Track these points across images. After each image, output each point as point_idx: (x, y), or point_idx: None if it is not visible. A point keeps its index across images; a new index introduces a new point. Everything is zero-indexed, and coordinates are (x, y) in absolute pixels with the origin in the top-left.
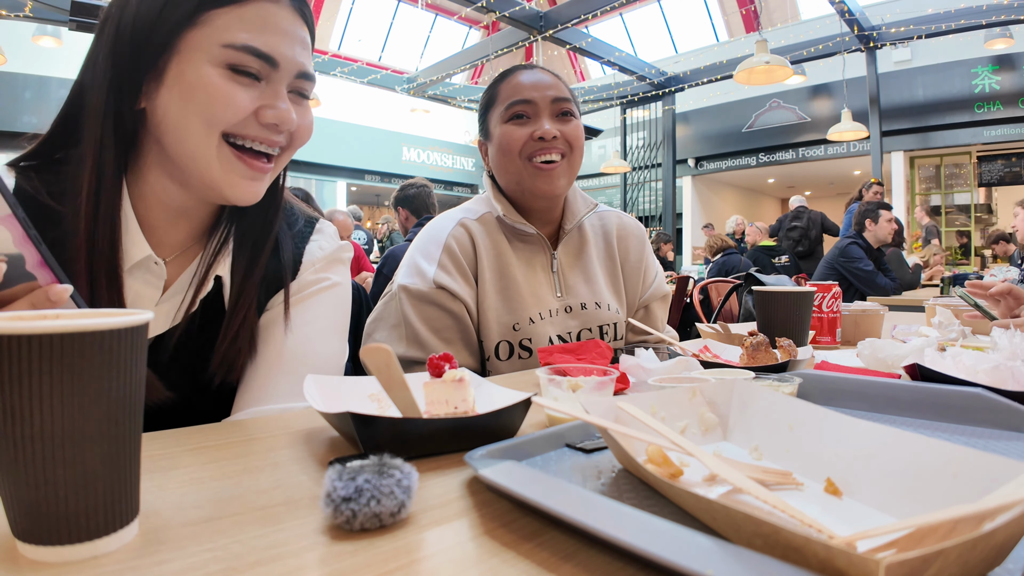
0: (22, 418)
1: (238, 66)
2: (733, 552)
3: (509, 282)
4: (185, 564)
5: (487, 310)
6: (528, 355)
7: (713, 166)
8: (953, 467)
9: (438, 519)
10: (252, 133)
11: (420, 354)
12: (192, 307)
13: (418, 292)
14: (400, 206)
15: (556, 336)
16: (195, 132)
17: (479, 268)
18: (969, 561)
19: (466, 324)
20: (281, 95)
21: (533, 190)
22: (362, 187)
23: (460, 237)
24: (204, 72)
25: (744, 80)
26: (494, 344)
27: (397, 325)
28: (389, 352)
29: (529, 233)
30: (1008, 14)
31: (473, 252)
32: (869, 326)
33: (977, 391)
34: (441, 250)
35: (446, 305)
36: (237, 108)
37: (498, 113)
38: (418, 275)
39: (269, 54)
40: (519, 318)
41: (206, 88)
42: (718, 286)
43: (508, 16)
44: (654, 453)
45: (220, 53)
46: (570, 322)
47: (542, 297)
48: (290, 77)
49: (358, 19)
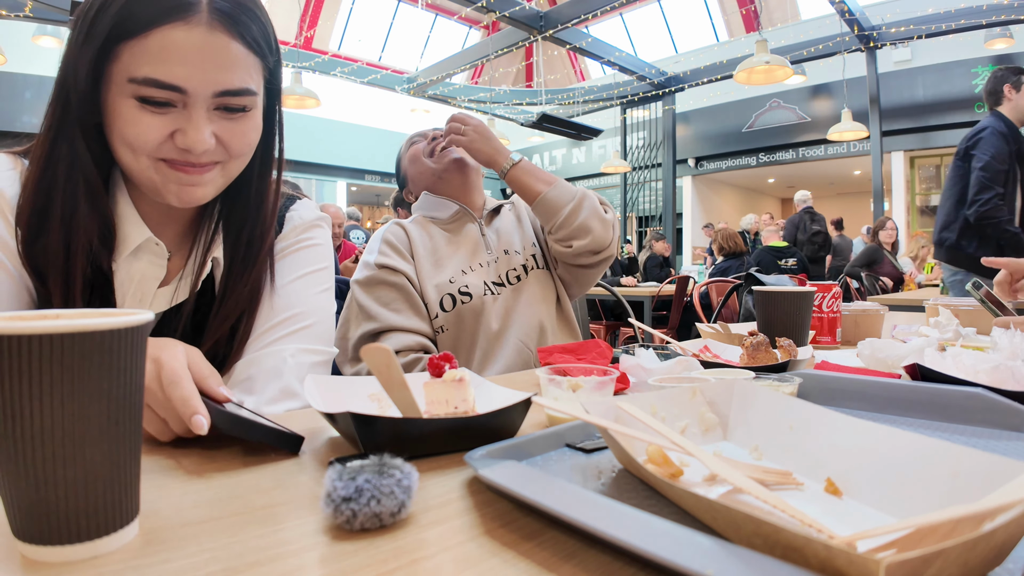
0: (22, 418)
1: (146, 98)
2: (733, 552)
3: (440, 254)
4: (185, 564)
5: (424, 277)
6: (469, 299)
7: (713, 166)
8: (953, 467)
9: (438, 519)
10: (173, 156)
11: (375, 325)
12: (195, 287)
13: (365, 278)
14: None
15: (491, 281)
16: (126, 156)
17: (413, 248)
18: (969, 561)
19: (410, 292)
20: (194, 119)
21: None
22: (362, 187)
23: (394, 231)
24: (120, 104)
25: (744, 80)
26: (437, 300)
27: (356, 314)
28: (389, 352)
29: (454, 207)
30: (1008, 14)
31: (407, 238)
32: (869, 326)
33: (977, 391)
34: (380, 243)
35: (389, 280)
36: (147, 138)
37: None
38: (363, 267)
39: (172, 83)
40: (452, 273)
41: (122, 118)
42: (718, 286)
43: (508, 16)
44: (654, 453)
45: (127, 87)
46: (499, 268)
47: (473, 253)
48: (206, 98)
49: (358, 19)
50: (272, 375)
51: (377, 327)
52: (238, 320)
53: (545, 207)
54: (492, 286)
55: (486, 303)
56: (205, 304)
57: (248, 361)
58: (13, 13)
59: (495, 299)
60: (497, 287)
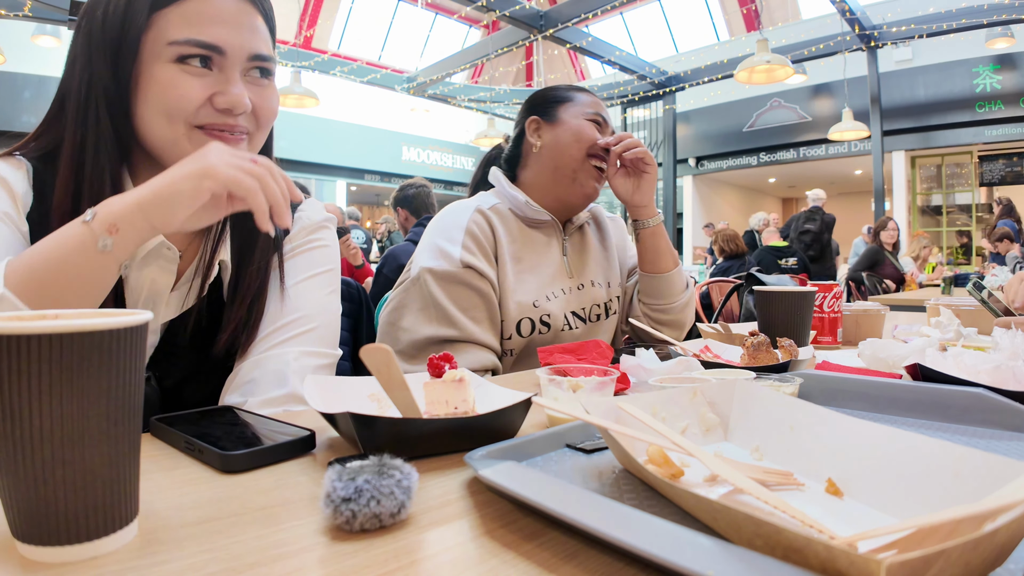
0: (22, 418)
1: (187, 56)
2: (734, 553)
3: (525, 265)
4: (185, 564)
5: (507, 290)
6: (547, 330)
7: (714, 165)
8: (954, 467)
9: (438, 519)
10: (211, 121)
11: (453, 332)
12: (202, 292)
13: (444, 272)
14: (399, 206)
15: (571, 312)
16: (161, 126)
17: (499, 251)
18: (971, 561)
19: (492, 302)
20: (232, 80)
21: (584, 188)
22: (362, 187)
23: (480, 222)
24: (157, 70)
25: (745, 79)
26: (515, 321)
27: (424, 308)
28: (389, 352)
29: (545, 220)
30: (1009, 13)
31: (492, 236)
32: (870, 326)
33: (978, 391)
34: (463, 233)
35: (473, 283)
36: (190, 97)
37: (578, 110)
38: (443, 257)
39: (212, 43)
40: (537, 296)
41: (160, 83)
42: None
43: (508, 15)
44: (655, 453)
45: (168, 51)
46: (582, 299)
47: (556, 277)
48: (241, 61)
49: (358, 18)
50: (275, 378)
51: (455, 335)
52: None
53: (664, 285)
54: (572, 318)
55: (561, 338)
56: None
57: (253, 363)
58: (12, 13)
59: (570, 333)
60: (576, 320)
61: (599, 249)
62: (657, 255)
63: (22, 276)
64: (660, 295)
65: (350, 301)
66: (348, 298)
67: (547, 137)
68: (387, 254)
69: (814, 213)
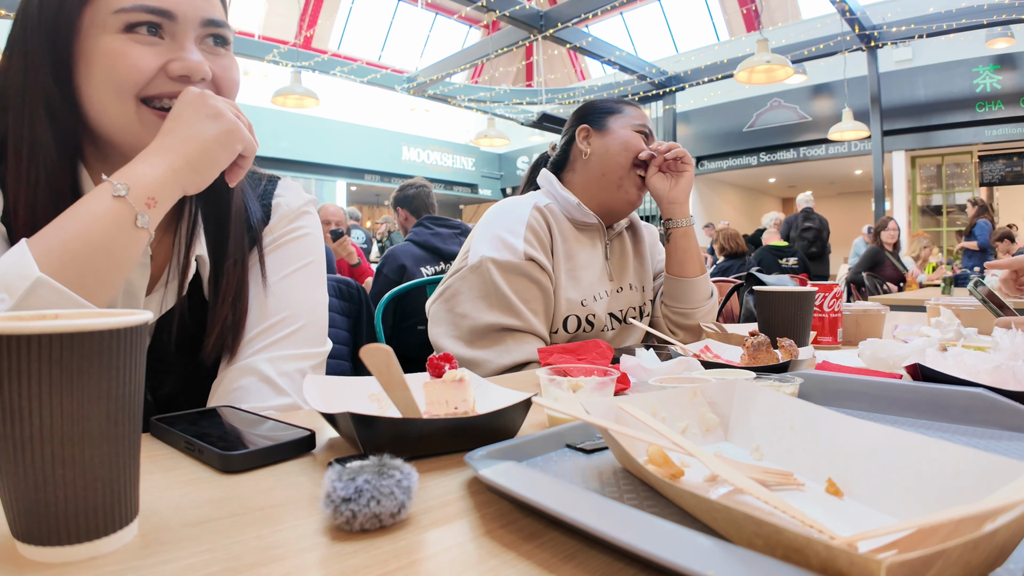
0: (22, 418)
1: (135, 24)
2: (734, 553)
3: (575, 263)
4: (185, 564)
5: (559, 286)
6: (591, 328)
7: (714, 166)
8: (954, 467)
9: (438, 520)
10: (166, 90)
11: (515, 322)
12: (182, 291)
13: (508, 263)
14: (399, 206)
15: (609, 314)
16: (110, 103)
17: (554, 247)
18: (971, 561)
19: (549, 295)
20: (187, 47)
21: (628, 196)
22: (362, 187)
23: (539, 219)
24: (104, 42)
25: (745, 79)
26: (563, 317)
27: (486, 295)
28: (389, 352)
29: (592, 223)
30: (1009, 13)
31: (549, 232)
32: (870, 326)
33: (979, 391)
34: (525, 227)
35: (534, 275)
36: (141, 67)
37: (626, 121)
38: (506, 248)
39: (162, 7)
40: (585, 295)
41: (107, 55)
42: (719, 286)
43: (508, 15)
44: (655, 453)
45: (114, 19)
46: (619, 301)
47: (600, 279)
48: (195, 27)
49: (358, 18)
50: (266, 387)
51: (517, 324)
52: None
53: (689, 290)
54: (609, 320)
55: (602, 337)
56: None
57: (241, 368)
58: (11, 13)
59: (608, 334)
60: (614, 321)
61: (635, 254)
62: (686, 257)
63: (59, 259)
64: (684, 299)
65: (350, 301)
66: (348, 298)
67: (596, 145)
68: (387, 254)
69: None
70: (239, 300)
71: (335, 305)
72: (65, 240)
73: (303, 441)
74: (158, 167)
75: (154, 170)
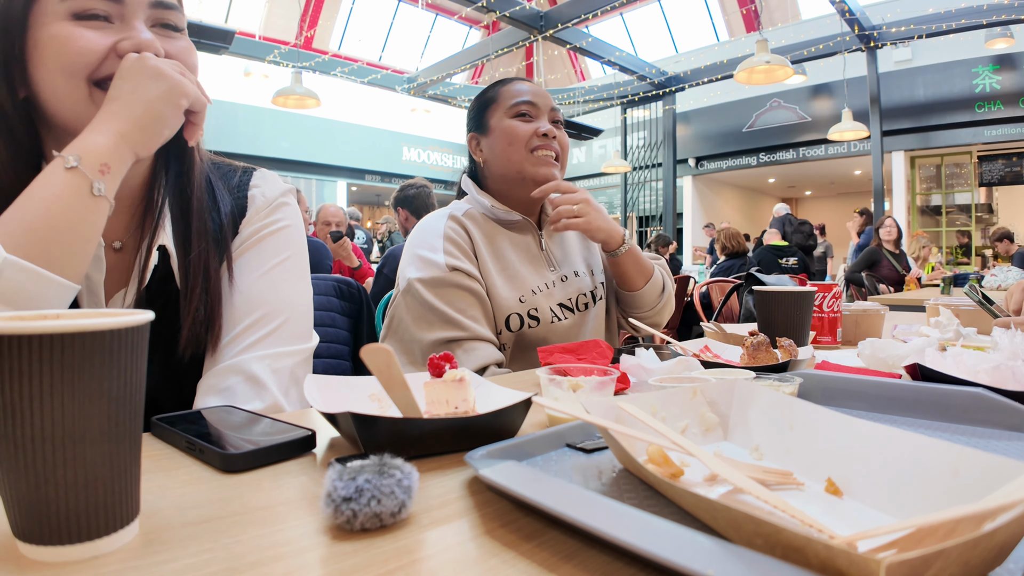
0: (22, 418)
1: (81, 12)
2: (734, 552)
3: (507, 263)
4: (185, 564)
5: (492, 288)
6: (536, 323)
7: (714, 166)
8: (954, 467)
9: (438, 519)
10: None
11: (458, 332)
12: (142, 283)
13: (433, 279)
14: (400, 206)
15: (557, 305)
16: (62, 87)
17: (477, 252)
18: (970, 561)
19: (484, 299)
20: (136, 27)
21: (535, 177)
22: (362, 187)
23: (455, 227)
24: (53, 28)
25: (744, 80)
26: (504, 317)
27: (423, 315)
28: (389, 352)
29: (516, 220)
30: (1009, 14)
31: (469, 239)
32: (870, 326)
33: (978, 391)
34: (442, 239)
35: (463, 284)
36: (90, 49)
37: (501, 111)
38: (428, 265)
39: None
40: (523, 291)
41: (57, 40)
42: (719, 286)
43: (508, 16)
44: (655, 453)
45: (61, 8)
46: (567, 290)
47: (538, 271)
48: (143, 9)
49: (358, 19)
50: (253, 387)
51: (461, 335)
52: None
53: (636, 301)
54: (559, 310)
55: (552, 330)
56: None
57: (227, 367)
58: None
59: (560, 325)
60: (565, 311)
61: (578, 239)
62: (628, 278)
63: (23, 237)
64: (635, 307)
65: (351, 301)
66: (348, 298)
67: (486, 149)
68: (387, 254)
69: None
70: (207, 293)
71: (335, 305)
72: (26, 219)
73: (304, 441)
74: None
75: (103, 137)
